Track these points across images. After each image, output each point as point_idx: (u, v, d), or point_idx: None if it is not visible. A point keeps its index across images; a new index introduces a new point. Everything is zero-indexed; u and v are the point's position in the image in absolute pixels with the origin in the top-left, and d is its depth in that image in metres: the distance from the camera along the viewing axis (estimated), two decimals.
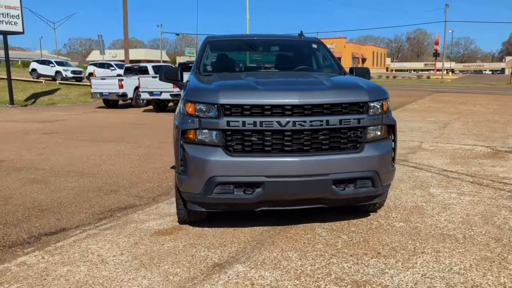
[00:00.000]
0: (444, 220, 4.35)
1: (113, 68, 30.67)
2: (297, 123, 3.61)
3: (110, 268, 3.40)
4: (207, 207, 3.90)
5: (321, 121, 3.65)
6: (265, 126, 3.61)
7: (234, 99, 3.64)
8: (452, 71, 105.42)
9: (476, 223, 4.24)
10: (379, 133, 3.92)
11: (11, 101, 21.70)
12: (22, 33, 22.95)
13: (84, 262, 3.52)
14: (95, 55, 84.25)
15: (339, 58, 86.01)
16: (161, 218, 4.52)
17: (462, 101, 20.65)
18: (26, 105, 22.34)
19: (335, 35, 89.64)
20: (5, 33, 22.44)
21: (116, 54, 77.64)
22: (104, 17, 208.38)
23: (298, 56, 5.50)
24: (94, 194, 5.49)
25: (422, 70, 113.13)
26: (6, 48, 23.04)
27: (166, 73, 4.87)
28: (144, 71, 19.75)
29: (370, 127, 3.85)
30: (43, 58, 37.01)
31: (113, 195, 5.41)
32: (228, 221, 4.32)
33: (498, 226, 4.15)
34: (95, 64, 33.45)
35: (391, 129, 4.04)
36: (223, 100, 3.64)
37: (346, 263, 3.42)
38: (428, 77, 62.68)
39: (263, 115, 3.62)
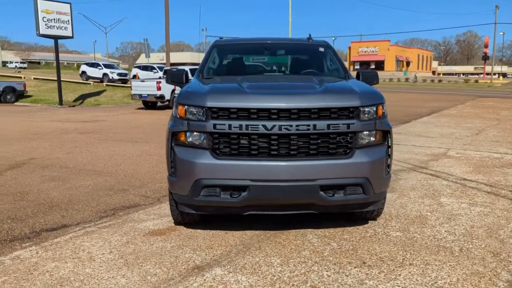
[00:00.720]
0: (445, 231, 4.13)
1: (155, 70, 31.35)
2: (283, 127, 3.54)
3: (94, 265, 3.45)
4: (196, 209, 3.90)
5: (308, 125, 3.56)
6: (251, 130, 3.56)
7: (220, 103, 3.62)
8: (504, 75, 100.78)
9: (479, 236, 4.00)
10: (372, 138, 3.78)
11: (60, 102, 22.69)
12: (72, 37, 23.98)
13: (72, 258, 3.59)
14: (143, 58, 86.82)
15: (382, 62, 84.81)
16: (159, 219, 4.55)
17: (506, 106, 19.67)
18: (73, 106, 23.27)
19: (380, 37, 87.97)
20: (56, 38, 23.52)
21: (163, 57, 79.32)
22: (155, 21, 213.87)
23: (303, 60, 5.42)
24: (105, 192, 5.61)
25: (472, 74, 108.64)
26: (56, 51, 24.11)
27: (172, 76, 4.92)
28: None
29: (362, 133, 3.72)
30: (92, 61, 38.43)
31: (122, 194, 5.51)
32: (222, 223, 4.30)
33: (501, 240, 3.90)
34: (139, 67, 34.29)
35: (386, 135, 3.88)
36: (210, 103, 3.63)
37: (327, 271, 3.31)
38: (476, 81, 60.15)
39: (250, 119, 3.58)
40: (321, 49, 5.34)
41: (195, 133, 3.69)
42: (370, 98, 3.78)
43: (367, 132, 3.74)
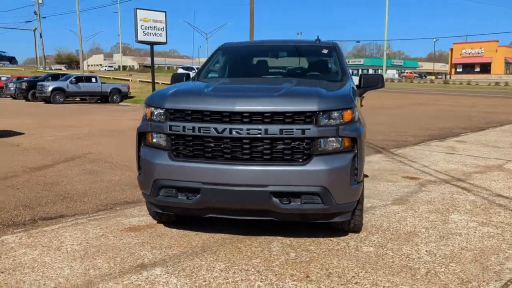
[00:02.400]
0: (426, 251, 3.69)
1: (194, 70, 32.39)
2: (233, 130, 3.44)
3: (56, 255, 3.64)
4: (162, 209, 3.93)
5: (259, 129, 3.41)
6: (204, 132, 3.50)
7: (177, 104, 3.62)
8: None
9: (461, 259, 3.52)
10: (335, 145, 3.51)
11: None
12: (165, 43, 25.49)
13: (43, 247, 3.83)
14: None
15: (488, 64, 77.50)
16: (147, 216, 4.65)
17: None
18: None
19: (488, 38, 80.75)
20: (151, 43, 25.22)
21: None
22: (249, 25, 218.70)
23: (304, 62, 5.19)
24: (121, 187, 5.89)
25: None
26: (152, 56, 25.79)
27: (175, 78, 5.03)
28: None
29: (321, 139, 3.46)
30: (188, 65, 40.55)
31: (133, 190, 5.73)
32: (201, 224, 4.25)
33: (484, 267, 3.39)
34: (183, 67, 35.65)
35: (354, 142, 3.57)
36: (168, 104, 3.64)
37: (261, 282, 3.15)
38: None
39: (202, 121, 3.53)
40: (325, 51, 5.08)
41: (157, 134, 3.73)
42: (332, 103, 3.51)
43: (328, 139, 3.48)
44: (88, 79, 29.24)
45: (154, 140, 3.77)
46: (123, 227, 4.31)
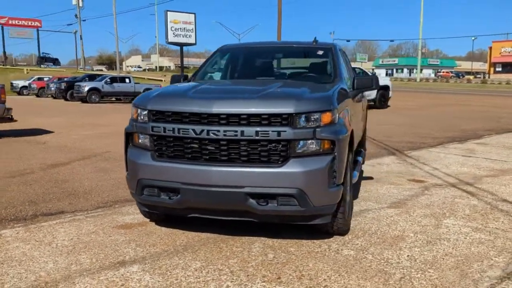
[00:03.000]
0: (407, 256, 3.60)
1: None
2: (211, 132, 3.47)
3: (45, 249, 3.78)
4: (149, 208, 4.01)
5: (236, 131, 3.43)
6: (183, 134, 3.55)
7: (158, 106, 3.68)
8: None
9: (442, 266, 3.42)
10: (313, 147, 3.48)
11: None
12: (194, 44, 25.97)
13: (36, 241, 3.97)
14: None
15: None
16: (141, 214, 4.74)
17: None
18: None
19: None
20: (181, 45, 25.74)
21: (294, 62, 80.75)
22: (287, 26, 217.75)
23: (298, 63, 5.16)
24: (126, 186, 5.99)
25: None
26: (181, 56, 26.32)
27: (174, 79, 5.12)
28: None
29: (299, 141, 3.44)
30: None
31: None
32: (189, 224, 4.29)
33: (463, 274, 3.28)
34: None
35: (333, 144, 3.52)
36: (150, 106, 3.71)
37: (231, 282, 3.16)
38: None
39: (182, 123, 3.57)
40: (320, 52, 5.03)
41: (142, 134, 3.81)
42: (310, 105, 3.48)
43: (305, 141, 3.45)
44: (122, 79, 29.98)
45: (139, 141, 3.85)
46: (116, 224, 4.42)
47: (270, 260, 3.52)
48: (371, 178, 6.41)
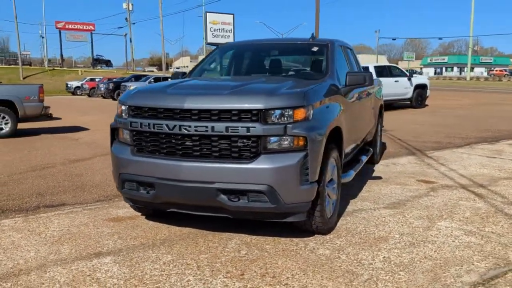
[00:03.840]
0: (383, 257, 3.46)
1: None
2: (182, 127, 3.48)
3: (33, 239, 3.93)
4: (132, 202, 4.07)
5: (206, 127, 3.42)
6: (157, 129, 3.59)
7: (136, 101, 3.74)
8: None
9: (415, 269, 3.25)
10: (284, 144, 3.41)
11: None
12: None
13: (28, 231, 4.14)
14: None
15: None
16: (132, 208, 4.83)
17: None
18: None
19: None
20: (218, 45, 26.00)
21: None
22: (330, 25, 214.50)
23: (292, 60, 5.07)
24: None
25: None
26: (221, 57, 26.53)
27: (174, 76, 5.20)
28: None
29: (269, 137, 3.38)
30: None
31: None
32: (177, 218, 4.30)
33: (436, 278, 3.11)
34: None
35: (305, 141, 3.44)
36: (129, 102, 3.77)
37: (193, 276, 3.16)
38: None
39: (157, 118, 3.61)
40: (315, 49, 4.92)
41: (123, 130, 3.88)
42: (281, 101, 3.41)
43: (276, 137, 3.38)
44: (165, 79, 30.68)
45: (121, 136, 3.92)
46: (108, 217, 4.52)
47: (241, 257, 3.49)
48: (379, 177, 6.21)
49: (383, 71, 17.46)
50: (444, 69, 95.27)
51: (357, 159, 5.49)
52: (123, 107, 3.86)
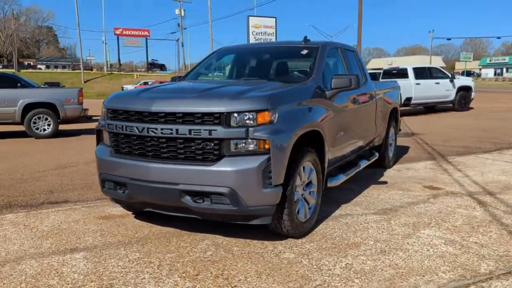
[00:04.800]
0: (345, 264, 3.38)
1: None
2: (150, 130, 3.58)
3: (24, 233, 4.18)
4: (115, 201, 4.23)
5: (171, 129, 3.50)
6: (129, 131, 3.71)
7: (112, 104, 3.89)
8: None
9: (373, 277, 3.15)
10: (247, 147, 3.42)
11: None
12: None
13: (23, 225, 4.40)
14: (373, 63, 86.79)
15: None
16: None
17: None
18: None
19: None
20: None
21: (392, 62, 77.27)
22: (389, 25, 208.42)
23: (279, 63, 5.04)
24: None
25: None
26: None
27: (172, 79, 5.33)
28: (403, 74, 17.14)
29: (231, 140, 3.40)
30: None
31: None
32: (162, 218, 4.39)
33: (389, 287, 3.00)
34: None
35: (268, 144, 3.42)
36: (108, 104, 3.93)
37: (150, 274, 3.24)
38: None
39: (129, 120, 3.74)
40: (304, 52, 4.86)
41: (104, 132, 4.04)
42: (244, 104, 3.42)
43: (237, 140, 3.40)
44: None
45: (103, 137, 4.08)
46: (100, 215, 4.71)
47: (204, 257, 3.53)
48: (384, 182, 6.02)
49: (422, 72, 16.86)
50: (504, 70, 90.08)
51: (355, 163, 5.37)
52: (104, 110, 4.02)
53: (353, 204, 4.98)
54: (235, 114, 3.38)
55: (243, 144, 3.41)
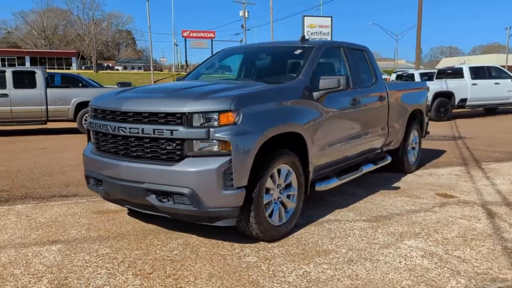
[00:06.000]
0: (303, 272, 3.23)
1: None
2: (120, 129, 3.65)
3: (21, 223, 4.42)
4: (103, 198, 4.36)
5: (137, 129, 3.54)
6: (104, 129, 3.81)
7: (94, 104, 4.02)
8: None
9: (326, 287, 2.99)
10: (208, 147, 3.38)
11: None
12: None
13: (25, 216, 4.67)
14: (444, 62, 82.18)
15: None
16: None
17: None
18: None
19: None
20: None
21: (464, 61, 72.80)
22: (452, 23, 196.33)
23: (273, 64, 4.91)
24: None
25: None
26: None
27: (176, 80, 5.42)
28: (459, 74, 16.08)
29: (193, 141, 3.38)
30: None
31: None
32: (151, 215, 4.44)
33: None
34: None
35: (229, 145, 3.36)
36: (92, 103, 4.09)
37: (107, 270, 3.30)
38: None
39: (105, 119, 3.83)
40: (297, 52, 4.70)
41: (90, 130, 4.18)
42: (206, 105, 3.38)
43: (199, 141, 3.37)
44: None
45: (91, 136, 4.22)
46: (98, 210, 4.88)
47: (167, 257, 3.53)
48: (396, 188, 5.70)
49: (480, 72, 15.76)
50: None
51: (356, 167, 5.12)
52: (89, 109, 4.16)
53: (348, 209, 4.76)
54: (197, 115, 3.35)
55: (205, 145, 3.37)
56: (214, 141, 3.34)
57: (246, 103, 3.49)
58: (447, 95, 15.36)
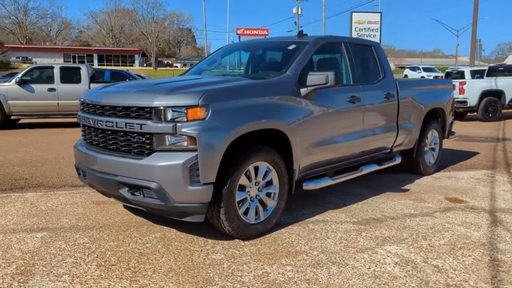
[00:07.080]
0: (263, 272, 3.12)
1: (419, 71, 33.91)
2: (98, 122, 3.70)
3: (23, 209, 4.62)
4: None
5: (112, 122, 3.58)
6: (87, 122, 3.89)
7: (83, 97, 4.11)
8: None
9: (281, 285, 2.87)
10: (175, 142, 3.35)
11: None
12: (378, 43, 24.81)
13: (30, 203, 4.87)
14: (511, 59, 77.00)
15: None
16: None
17: None
18: None
19: None
20: None
21: None
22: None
23: (267, 59, 4.77)
24: None
25: None
26: None
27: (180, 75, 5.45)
28: (511, 71, 15.25)
29: (160, 135, 3.37)
30: (415, 65, 38.32)
31: None
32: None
33: None
34: (410, 67, 37.65)
35: (196, 141, 3.31)
36: (81, 97, 4.16)
37: (74, 259, 3.37)
38: None
39: (88, 113, 3.92)
40: (290, 47, 4.54)
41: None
42: (173, 100, 3.35)
43: (168, 136, 3.34)
44: None
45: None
46: (97, 200, 5.00)
47: (138, 249, 3.55)
48: (405, 190, 5.40)
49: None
50: None
51: (356, 167, 4.89)
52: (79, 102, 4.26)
53: (341, 210, 4.55)
54: (164, 109, 3.32)
55: (175, 140, 3.33)
56: (183, 136, 3.30)
57: (217, 98, 3.41)
58: (497, 94, 14.37)
